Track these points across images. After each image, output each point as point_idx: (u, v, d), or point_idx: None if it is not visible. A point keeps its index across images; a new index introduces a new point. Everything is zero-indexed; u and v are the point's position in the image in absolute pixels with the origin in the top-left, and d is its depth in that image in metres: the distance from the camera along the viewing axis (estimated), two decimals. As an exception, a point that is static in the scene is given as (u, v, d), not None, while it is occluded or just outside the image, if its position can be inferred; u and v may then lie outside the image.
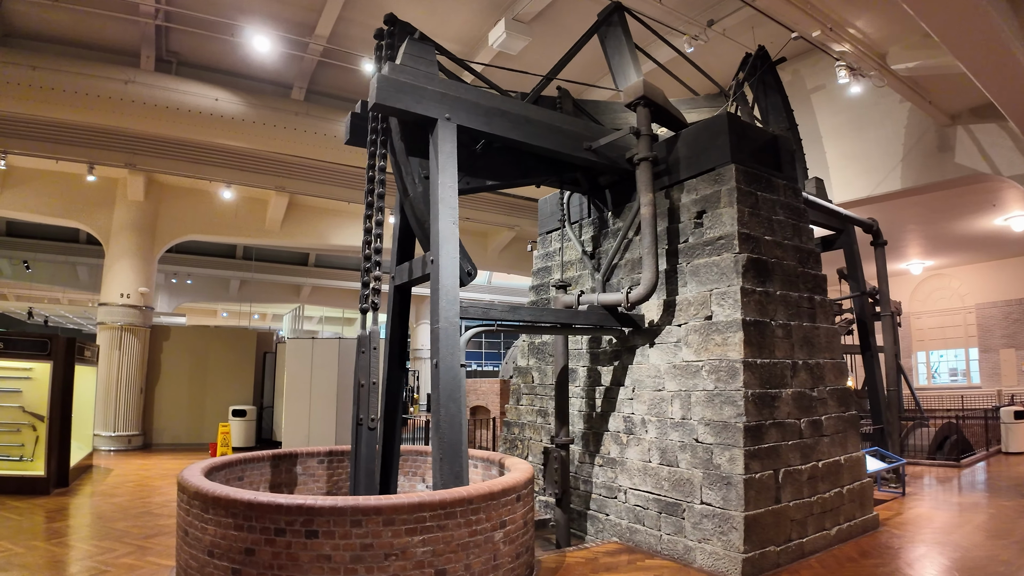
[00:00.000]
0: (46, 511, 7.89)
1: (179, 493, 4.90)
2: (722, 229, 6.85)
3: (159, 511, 8.04)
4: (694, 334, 6.80)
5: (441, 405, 5.41)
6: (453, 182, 5.93)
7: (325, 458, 7.16)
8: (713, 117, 7.44)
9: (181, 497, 4.81)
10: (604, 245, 8.51)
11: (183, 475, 4.94)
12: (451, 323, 5.63)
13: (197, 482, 4.64)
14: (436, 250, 5.75)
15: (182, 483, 4.79)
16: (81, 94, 11.29)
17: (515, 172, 7.27)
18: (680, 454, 6.52)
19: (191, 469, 5.25)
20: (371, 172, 6.43)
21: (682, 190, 7.49)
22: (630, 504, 6.96)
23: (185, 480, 4.78)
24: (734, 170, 6.92)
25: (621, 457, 7.24)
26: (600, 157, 7.44)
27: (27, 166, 15.13)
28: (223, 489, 4.41)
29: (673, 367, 6.92)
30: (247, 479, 6.39)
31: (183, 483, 4.77)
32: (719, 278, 6.72)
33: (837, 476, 7.02)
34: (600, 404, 7.80)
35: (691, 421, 6.52)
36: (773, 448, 6.31)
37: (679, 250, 7.29)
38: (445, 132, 6.00)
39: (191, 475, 4.95)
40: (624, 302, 6.87)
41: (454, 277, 5.74)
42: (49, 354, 9.44)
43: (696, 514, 6.17)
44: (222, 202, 16.86)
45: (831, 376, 7.47)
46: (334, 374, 13.23)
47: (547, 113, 7.14)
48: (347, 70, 13.26)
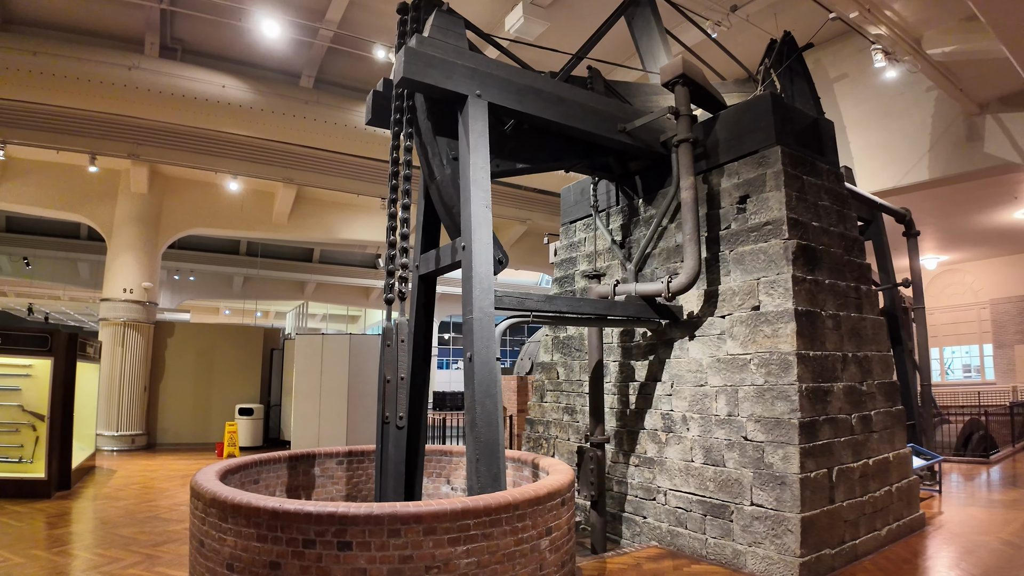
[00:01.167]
0: (47, 516, 7.45)
1: (193, 500, 4.46)
2: (769, 214, 6.46)
3: (167, 515, 7.60)
4: (740, 325, 6.41)
5: (476, 402, 4.98)
6: (485, 163, 5.51)
7: (344, 459, 6.73)
8: (755, 97, 7.05)
9: (195, 504, 4.37)
10: (635, 234, 8.09)
11: (197, 480, 4.50)
12: (485, 314, 5.21)
13: (213, 488, 4.20)
14: (468, 235, 5.32)
15: (197, 489, 4.35)
16: (83, 80, 10.84)
17: (546, 155, 6.84)
18: (727, 453, 6.16)
19: (205, 473, 4.81)
20: (395, 153, 5.98)
21: (722, 174, 7.09)
22: (671, 506, 6.59)
23: (200, 486, 4.34)
24: (780, 152, 6.53)
25: (660, 456, 6.84)
26: (634, 140, 7.07)
27: (27, 157, 14.65)
28: (244, 496, 3.97)
29: (717, 361, 6.53)
30: (263, 482, 5.96)
31: (198, 489, 4.33)
32: (767, 266, 6.34)
33: (887, 474, 6.72)
34: (634, 401, 7.38)
35: (739, 418, 6.16)
36: (826, 445, 5.97)
37: (720, 237, 6.90)
38: (476, 110, 5.58)
39: (206, 480, 4.51)
40: (665, 292, 6.45)
41: (488, 264, 5.32)
42: (50, 350, 9.00)
43: (746, 516, 5.83)
44: (228, 195, 16.39)
45: (878, 369, 7.14)
46: (345, 371, 12.80)
47: (580, 92, 6.73)
48: (358, 58, 12.81)
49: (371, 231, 18.53)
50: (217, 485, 4.32)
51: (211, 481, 4.47)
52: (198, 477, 4.61)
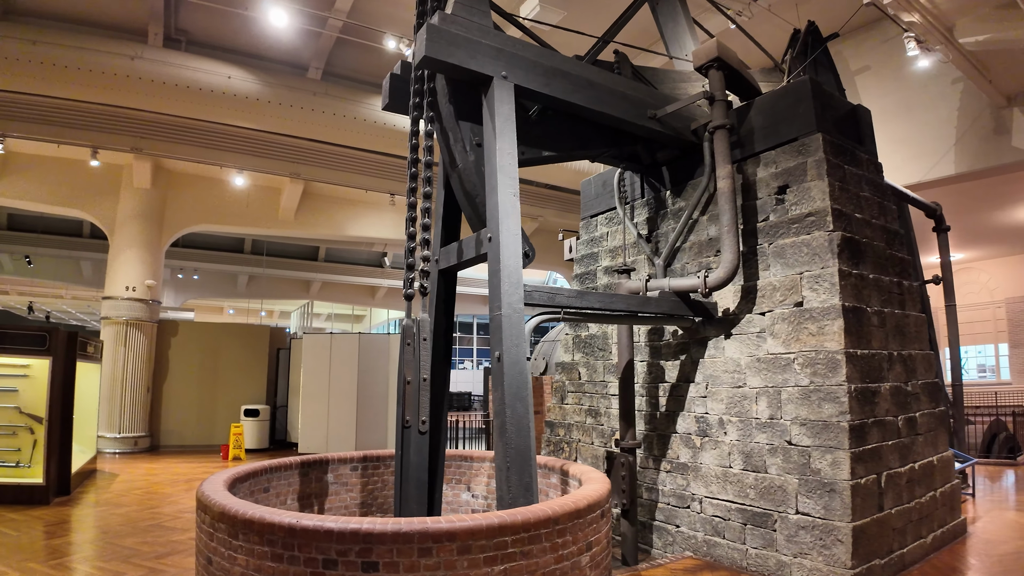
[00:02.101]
0: (45, 524, 7.06)
1: (200, 512, 4.07)
2: (811, 205, 6.09)
3: (171, 523, 7.21)
4: (782, 323, 6.04)
5: (506, 405, 4.58)
6: (512, 148, 5.12)
7: (359, 464, 6.34)
8: (794, 83, 6.69)
9: (202, 518, 3.98)
10: (662, 227, 7.69)
11: (204, 491, 4.11)
12: (515, 310, 4.81)
13: (222, 500, 3.80)
14: (495, 226, 4.93)
15: (204, 501, 3.96)
16: (84, 70, 10.47)
17: (572, 142, 6.46)
18: (769, 458, 5.81)
19: (212, 482, 4.42)
20: (414, 140, 5.60)
21: (758, 163, 6.72)
22: (707, 515, 6.23)
23: (207, 498, 3.95)
24: (821, 140, 6.16)
25: (694, 462, 6.46)
26: (665, 128, 6.72)
27: (27, 152, 14.27)
28: (256, 510, 3.57)
29: (756, 360, 6.15)
30: (273, 490, 5.57)
31: (205, 501, 3.94)
32: (810, 259, 5.97)
33: (931, 478, 6.42)
34: (665, 403, 6.99)
35: (782, 421, 5.79)
36: (875, 450, 5.63)
37: (758, 229, 6.53)
38: (502, 92, 5.20)
39: (213, 491, 4.12)
40: (701, 287, 6.07)
41: (516, 257, 4.93)
42: (48, 349, 8.62)
43: (791, 525, 5.49)
44: (233, 190, 15.99)
45: (922, 369, 6.81)
46: (354, 372, 12.43)
47: (609, 77, 6.36)
48: (367, 49, 12.43)
49: (379, 228, 18.14)
50: (226, 497, 3.93)
51: (219, 492, 4.08)
52: (205, 488, 4.22)
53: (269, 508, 3.61)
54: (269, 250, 23.74)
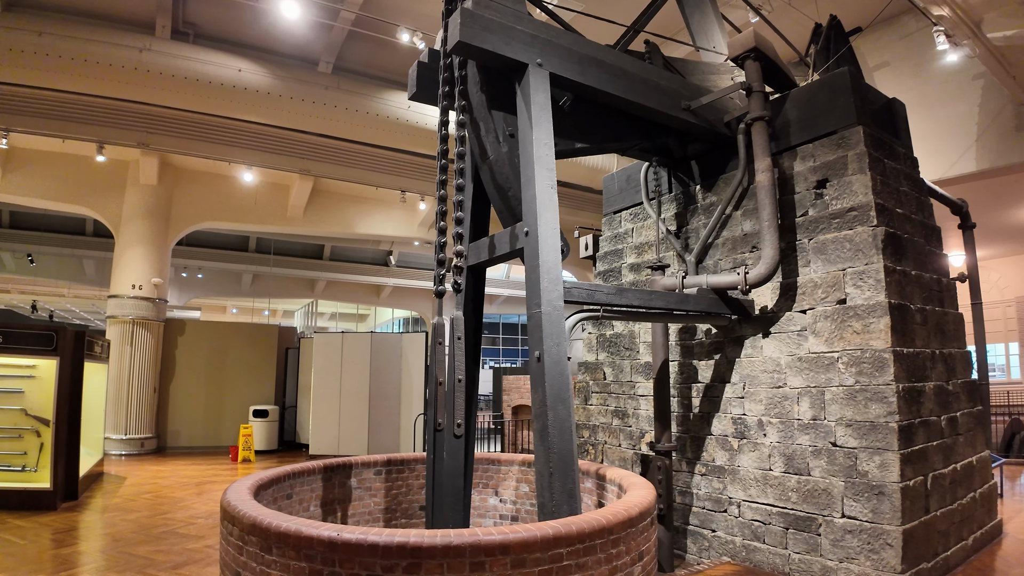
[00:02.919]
0: (53, 532, 6.79)
1: (225, 523, 3.81)
2: (853, 199, 5.89)
3: (185, 530, 6.94)
4: (824, 321, 5.82)
5: (548, 408, 4.33)
6: (549, 138, 4.88)
7: (383, 468, 6.08)
8: (832, 74, 6.52)
9: (229, 529, 3.72)
10: (692, 223, 7.45)
11: (231, 501, 3.84)
12: (555, 307, 4.56)
13: (253, 512, 3.54)
14: (533, 219, 4.68)
15: (231, 512, 3.69)
16: (91, 63, 10.21)
17: (605, 134, 6.22)
18: (813, 461, 5.61)
19: (237, 490, 4.16)
20: (443, 130, 5.34)
21: (795, 157, 6.52)
22: (745, 519, 6.03)
23: (234, 508, 3.69)
24: (862, 133, 5.95)
25: (731, 465, 6.25)
26: (699, 119, 6.49)
27: (31, 147, 13.99)
28: (292, 523, 3.31)
29: (798, 360, 5.94)
30: (296, 496, 5.31)
31: (233, 512, 3.67)
32: (853, 255, 5.77)
33: (971, 479, 6.29)
34: (699, 404, 6.75)
35: (826, 422, 5.59)
36: (922, 451, 5.46)
37: (797, 224, 6.33)
38: (537, 80, 4.96)
39: (240, 500, 3.86)
40: (741, 283, 5.83)
41: (555, 251, 4.68)
42: (55, 349, 8.35)
43: (837, 530, 5.32)
44: (241, 187, 15.72)
45: (960, 368, 6.67)
46: (366, 371, 12.16)
47: (643, 66, 6.14)
48: (380, 43, 12.18)
49: (389, 226, 17.87)
50: (255, 507, 3.67)
51: (247, 502, 3.82)
52: (230, 496, 3.96)
53: (306, 520, 3.35)
54: (275, 249, 23.48)
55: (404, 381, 12.37)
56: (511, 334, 41.40)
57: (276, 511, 3.61)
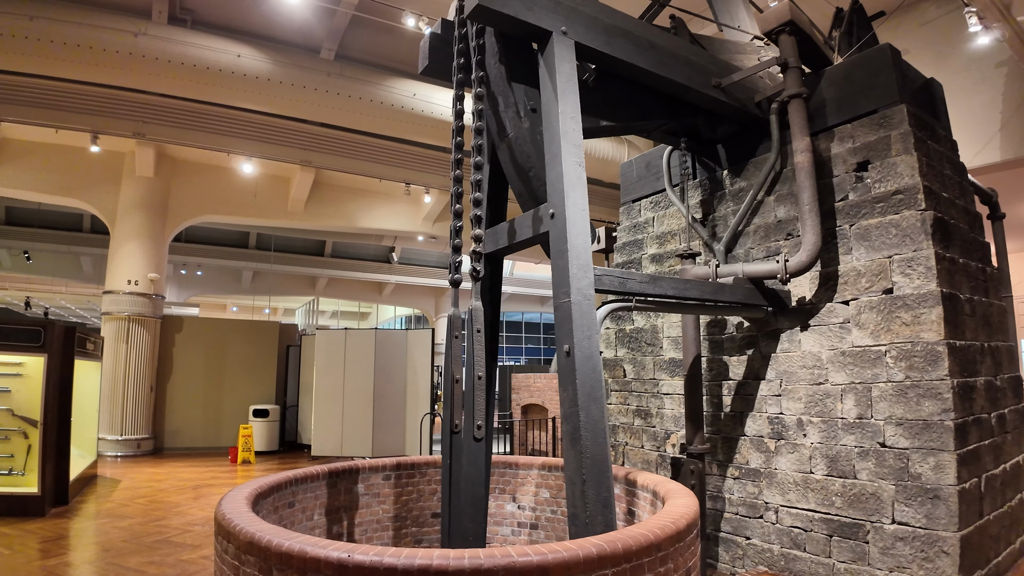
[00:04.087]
0: (40, 540, 6.35)
1: (220, 539, 3.36)
2: (898, 182, 5.43)
3: (180, 539, 6.49)
4: (869, 312, 5.38)
5: (580, 408, 3.88)
6: (576, 112, 4.44)
7: (391, 473, 5.64)
8: (871, 51, 6.07)
9: (224, 546, 3.27)
10: (719, 210, 7.00)
11: (225, 513, 3.40)
12: (585, 296, 4.10)
13: (249, 527, 3.10)
14: (559, 200, 4.24)
15: (226, 526, 3.25)
16: (84, 47, 9.74)
17: (632, 112, 5.77)
18: (859, 463, 5.18)
19: (232, 500, 3.71)
20: (459, 105, 4.88)
21: (831, 138, 6.08)
22: (784, 525, 5.61)
23: (229, 522, 3.24)
24: (905, 112, 5.48)
25: (767, 468, 5.82)
26: (729, 98, 6.04)
27: (23, 138, 13.55)
28: (295, 541, 2.87)
29: (840, 354, 5.50)
30: (299, 504, 4.86)
31: (227, 526, 3.23)
32: (900, 241, 5.32)
33: (1019, 479, 5.89)
34: (730, 403, 6.30)
35: (873, 421, 5.16)
36: (975, 451, 5.05)
37: (836, 209, 5.89)
38: (562, 50, 4.52)
39: (236, 513, 3.41)
40: (781, 272, 5.38)
41: (585, 235, 4.23)
42: (43, 346, 7.91)
43: (887, 537, 4.91)
44: (240, 179, 15.26)
45: (1006, 362, 6.25)
46: (370, 369, 11.71)
47: (672, 40, 5.70)
48: (384, 30, 11.72)
49: (393, 220, 17.41)
50: (252, 521, 3.22)
51: (243, 515, 3.37)
52: (225, 508, 3.51)
53: (311, 538, 2.89)
54: (275, 245, 23.03)
55: (410, 379, 11.92)
56: (515, 332, 40.93)
57: (277, 525, 3.16)
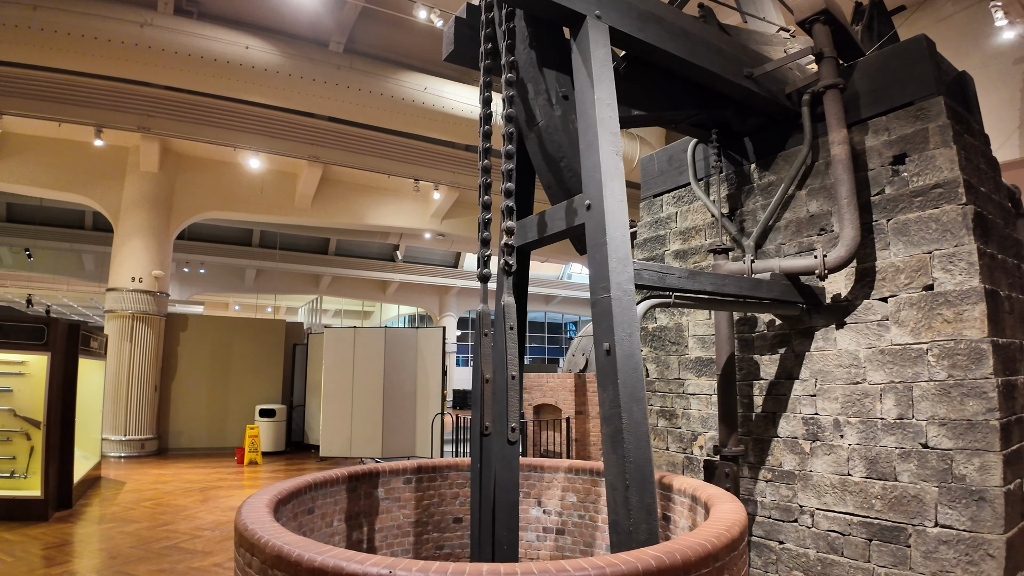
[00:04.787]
0: (44, 546, 6.10)
1: (242, 551, 3.13)
2: (937, 175, 5.22)
3: (189, 544, 6.26)
4: (909, 309, 5.16)
5: (622, 409, 3.65)
6: (612, 98, 4.22)
7: (412, 476, 5.41)
8: (906, 41, 5.87)
9: (247, 560, 3.04)
10: (747, 205, 6.78)
11: (247, 523, 3.16)
12: (625, 291, 3.88)
13: (278, 540, 2.86)
14: (597, 190, 4.01)
15: (249, 538, 3.01)
16: (89, 38, 9.50)
17: (663, 101, 5.57)
18: (900, 464, 4.97)
19: (253, 508, 3.48)
20: (487, 92, 4.64)
21: (865, 131, 5.88)
22: (820, 529, 5.39)
23: (253, 533, 3.00)
24: (943, 104, 5.30)
25: (802, 470, 5.61)
26: (760, 89, 5.84)
27: (26, 132, 13.31)
28: (331, 556, 2.64)
29: (879, 352, 5.28)
30: (318, 510, 4.63)
31: (251, 538, 2.99)
32: (940, 236, 5.10)
33: None
34: (761, 403, 6.08)
35: (914, 421, 4.95)
36: (1017, 451, 4.82)
37: (872, 204, 5.67)
38: (597, 34, 4.31)
39: (259, 522, 3.18)
40: (819, 267, 5.18)
41: (624, 227, 4.01)
42: (46, 344, 7.66)
43: (930, 540, 4.70)
44: (246, 175, 15.01)
45: None
46: (380, 368, 11.47)
47: (704, 27, 5.53)
48: (394, 23, 11.49)
49: (401, 217, 17.17)
50: (281, 533, 2.99)
51: (269, 525, 3.14)
52: (247, 517, 3.28)
53: (346, 552, 2.66)
54: (279, 243, 22.79)
55: (420, 379, 11.69)
56: (519, 331, 40.57)
57: (305, 537, 2.93)
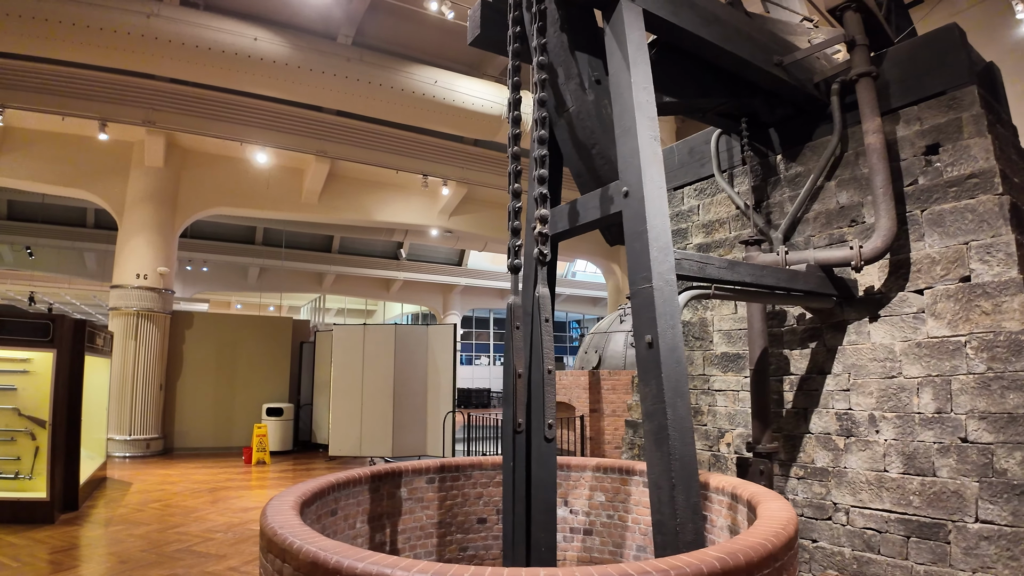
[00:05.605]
0: (50, 551, 5.89)
1: (270, 556, 2.94)
2: (972, 165, 5.12)
3: (202, 548, 6.06)
4: (946, 301, 5.05)
5: (666, 404, 3.48)
6: (648, 82, 4.07)
7: (435, 475, 5.24)
8: (938, 30, 5.76)
9: (277, 567, 2.85)
10: (774, 196, 6.62)
11: (276, 527, 2.98)
12: (667, 281, 3.71)
13: (312, 546, 2.68)
14: (636, 176, 3.85)
15: (279, 544, 2.83)
16: (94, 29, 9.32)
17: (694, 89, 5.43)
18: (939, 459, 4.85)
19: (279, 511, 3.30)
20: (516, 77, 4.44)
21: (897, 121, 5.75)
22: (855, 527, 5.26)
23: (283, 539, 2.82)
24: (976, 93, 5.20)
25: (835, 466, 5.48)
26: (790, 77, 5.74)
27: (28, 126, 13.10)
28: (370, 563, 2.45)
29: (915, 346, 5.15)
30: (341, 512, 4.45)
31: (282, 544, 2.81)
32: (977, 227, 5.00)
33: None
34: (792, 399, 5.93)
35: (953, 415, 4.85)
36: None
37: (905, 194, 5.56)
38: (631, 16, 4.16)
39: (289, 527, 3.00)
40: (855, 259, 5.04)
41: (664, 215, 3.84)
42: (52, 341, 7.45)
43: (970, 536, 4.58)
44: (253, 170, 14.79)
45: None
46: (390, 366, 11.29)
47: (734, 14, 5.41)
48: (403, 15, 11.33)
49: (409, 213, 16.96)
50: (313, 537, 2.81)
51: (299, 530, 2.95)
52: (274, 520, 3.10)
53: (390, 558, 2.48)
54: (282, 241, 22.58)
55: (431, 376, 11.51)
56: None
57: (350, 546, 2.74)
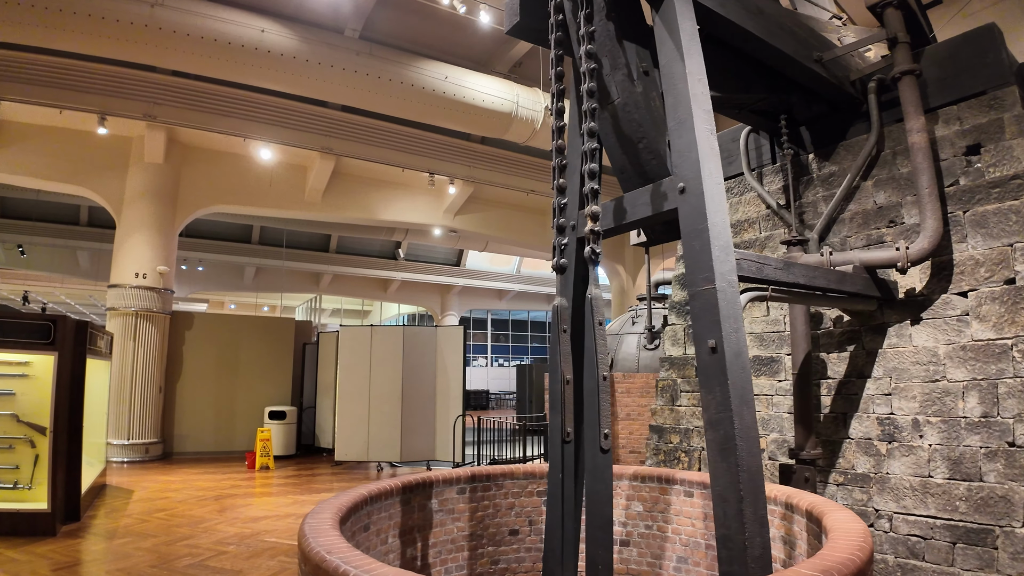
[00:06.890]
0: (53, 566, 5.56)
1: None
2: (1015, 166, 5.07)
3: (216, 562, 5.77)
4: (991, 303, 4.98)
5: (733, 412, 3.27)
6: (702, 73, 3.86)
7: (467, 485, 5.02)
8: (977, 29, 5.74)
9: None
10: (807, 196, 6.48)
11: (323, 553, 2.75)
12: (729, 282, 3.49)
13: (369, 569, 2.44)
14: (693, 171, 3.63)
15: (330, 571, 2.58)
16: (96, 18, 8.99)
17: (735, 83, 5.29)
18: (986, 464, 4.78)
19: (320, 531, 3.08)
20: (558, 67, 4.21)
21: (935, 120, 5.64)
22: (899, 534, 5.15)
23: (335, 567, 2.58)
24: (1017, 93, 5.15)
25: (877, 472, 5.37)
26: (828, 74, 5.65)
27: (24, 120, 12.70)
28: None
29: (960, 349, 5.07)
30: (374, 527, 4.21)
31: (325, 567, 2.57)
32: (1021, 228, 4.94)
33: None
34: (830, 403, 5.79)
35: (1000, 419, 4.78)
36: None
37: (946, 195, 5.45)
38: (683, 5, 3.96)
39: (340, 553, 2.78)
40: (901, 259, 4.94)
41: (724, 212, 3.62)
42: (53, 343, 7.13)
43: (1018, 541, 4.55)
44: (255, 167, 14.45)
45: None
46: (398, 369, 11.04)
47: (777, 7, 5.33)
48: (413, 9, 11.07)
49: (414, 212, 16.69)
50: (369, 565, 2.57)
51: (347, 554, 2.72)
52: (318, 543, 2.86)
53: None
54: (279, 240, 22.23)
55: (440, 379, 11.26)
56: (521, 331, 40.41)
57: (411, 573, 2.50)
